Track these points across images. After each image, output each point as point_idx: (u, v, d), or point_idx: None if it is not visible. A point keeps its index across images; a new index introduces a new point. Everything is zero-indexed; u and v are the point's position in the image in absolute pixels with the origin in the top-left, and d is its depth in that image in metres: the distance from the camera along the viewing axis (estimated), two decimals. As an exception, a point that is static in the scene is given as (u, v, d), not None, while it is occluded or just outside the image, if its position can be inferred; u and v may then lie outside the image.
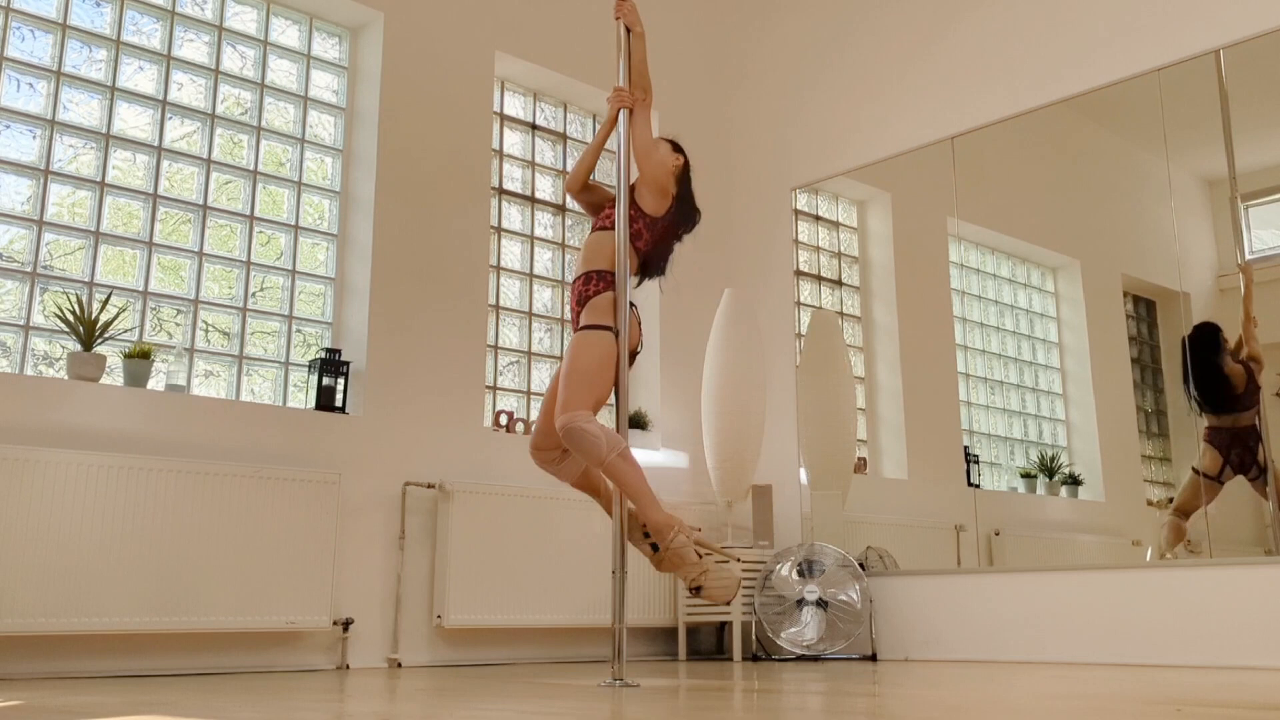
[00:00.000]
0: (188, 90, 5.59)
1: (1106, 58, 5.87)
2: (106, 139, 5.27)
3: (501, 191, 6.63)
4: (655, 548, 3.97)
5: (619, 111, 4.51)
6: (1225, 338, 5.30)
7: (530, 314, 6.64)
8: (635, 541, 4.05)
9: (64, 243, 5.14)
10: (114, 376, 5.01)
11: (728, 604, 3.91)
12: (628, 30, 4.63)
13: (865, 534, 6.42)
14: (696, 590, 3.93)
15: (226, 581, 4.86)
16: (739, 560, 4.00)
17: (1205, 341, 5.36)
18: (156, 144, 5.41)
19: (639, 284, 4.52)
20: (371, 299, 5.74)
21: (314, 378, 5.54)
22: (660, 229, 4.46)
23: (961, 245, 6.40)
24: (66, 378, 4.82)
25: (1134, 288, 5.83)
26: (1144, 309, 5.81)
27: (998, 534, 5.95)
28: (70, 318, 4.86)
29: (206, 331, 5.47)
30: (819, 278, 7.11)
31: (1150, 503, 5.53)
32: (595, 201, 4.63)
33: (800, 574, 6.05)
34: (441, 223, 6.07)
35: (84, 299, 5.04)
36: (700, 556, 3.97)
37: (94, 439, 4.78)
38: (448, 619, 5.50)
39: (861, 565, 6.15)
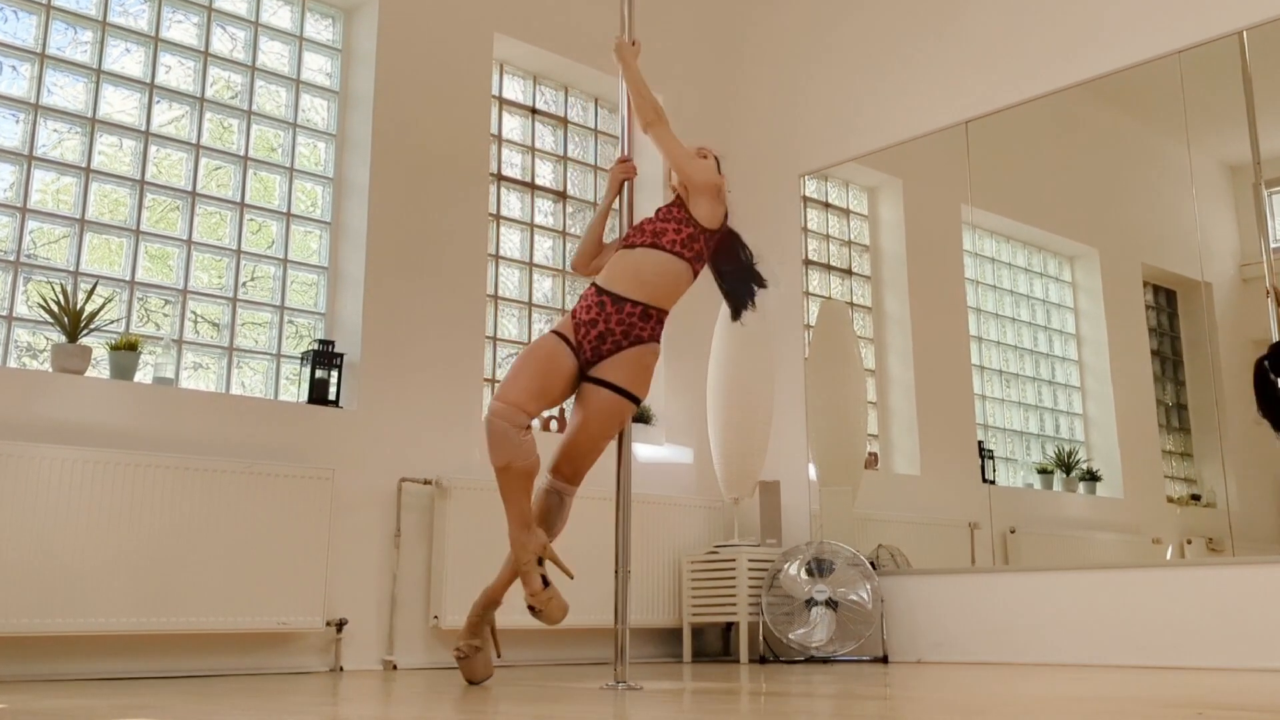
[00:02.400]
0: (176, 73, 5.59)
1: (1126, 39, 5.86)
2: (92, 123, 5.27)
3: (500, 178, 6.63)
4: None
5: (622, 183, 4.47)
6: None
7: (530, 304, 6.64)
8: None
9: (48, 230, 5.15)
10: (100, 369, 5.02)
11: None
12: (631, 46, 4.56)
13: (876, 532, 6.42)
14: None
15: (216, 581, 4.87)
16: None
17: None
18: (144, 129, 5.41)
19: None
20: (366, 289, 5.74)
21: (306, 370, 5.54)
22: (713, 248, 4.40)
23: (976, 233, 6.40)
24: (50, 370, 4.82)
25: (1154, 277, 5.83)
26: (1164, 299, 5.82)
27: (1013, 532, 5.95)
28: (54, 308, 4.87)
29: (195, 323, 5.48)
30: (828, 267, 7.11)
31: (1171, 499, 5.54)
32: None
33: (809, 573, 6.05)
34: (438, 210, 6.07)
35: (69, 289, 5.04)
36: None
37: (79, 433, 4.78)
38: (445, 619, 5.51)
39: (872, 564, 6.16)
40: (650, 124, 4.41)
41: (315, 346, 5.57)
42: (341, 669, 5.25)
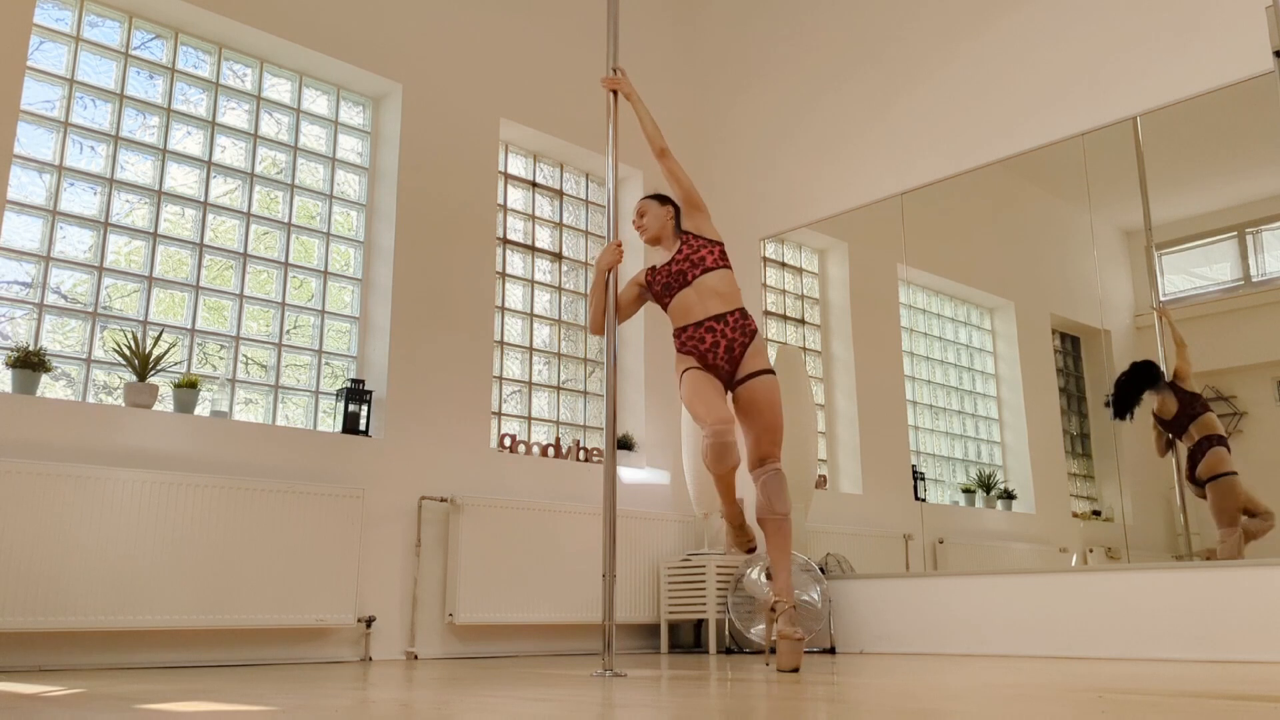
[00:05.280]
0: (230, 152, 5.63)
1: (1037, 123, 5.94)
2: (159, 195, 5.31)
3: (505, 241, 6.66)
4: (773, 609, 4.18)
5: (608, 272, 4.34)
6: (1162, 370, 5.33)
7: (531, 349, 6.67)
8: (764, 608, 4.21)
9: (121, 286, 5.18)
10: (165, 404, 5.04)
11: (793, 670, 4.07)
12: (625, 97, 4.53)
13: (825, 542, 6.44)
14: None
15: (263, 584, 4.88)
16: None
17: (1148, 375, 5.36)
18: (202, 199, 5.45)
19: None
20: (391, 335, 5.77)
21: (341, 405, 5.57)
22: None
23: (909, 288, 6.44)
24: (124, 405, 4.84)
25: (1061, 325, 5.84)
26: (1070, 344, 5.82)
27: (941, 542, 5.96)
28: (127, 352, 4.89)
29: (246, 364, 5.50)
30: (784, 317, 7.15)
31: (1075, 515, 5.55)
32: (639, 301, 4.59)
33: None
34: (453, 268, 6.11)
35: (139, 335, 5.07)
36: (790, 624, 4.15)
37: (148, 459, 4.80)
38: (459, 617, 5.52)
39: (822, 569, 6.17)
40: (666, 153, 4.48)
41: (348, 384, 5.60)
42: (370, 659, 5.25)
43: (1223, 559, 4.91)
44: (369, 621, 5.30)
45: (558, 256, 6.95)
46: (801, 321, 7.09)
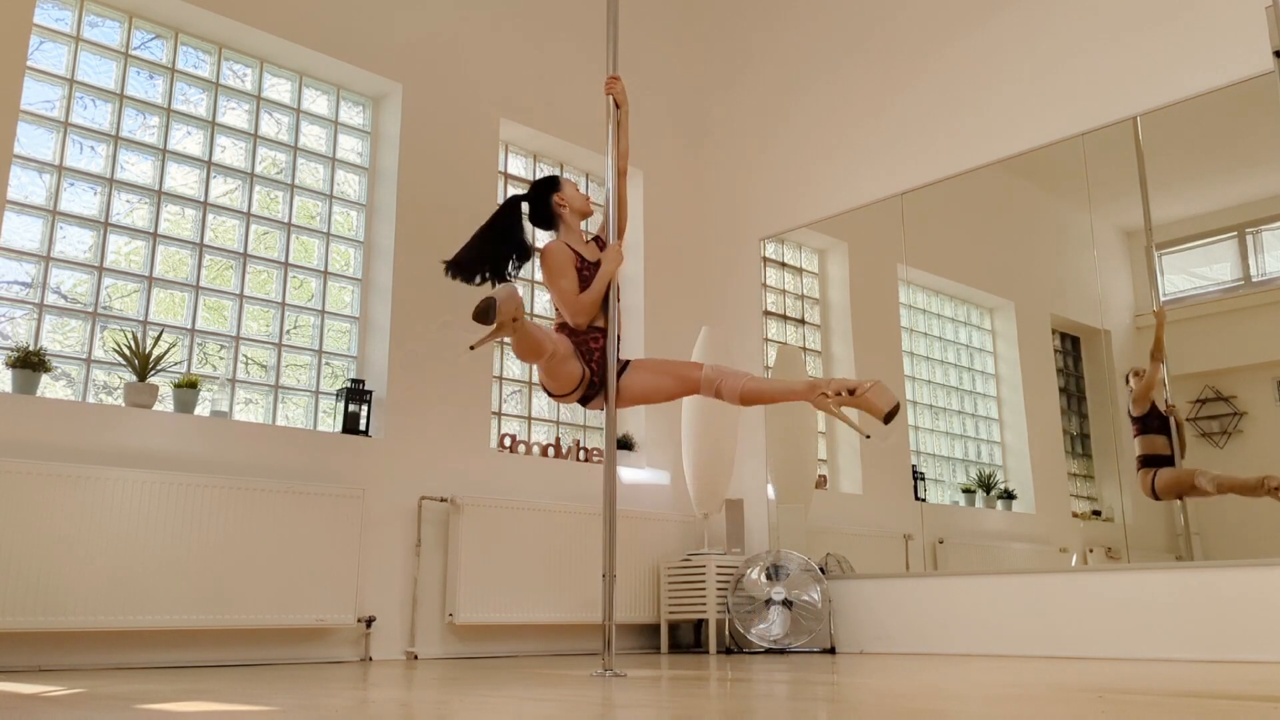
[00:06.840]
0: (230, 152, 5.64)
1: (1037, 123, 5.94)
2: (159, 195, 5.31)
3: (506, 241, 6.66)
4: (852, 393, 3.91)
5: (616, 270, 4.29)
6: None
7: (531, 348, 6.66)
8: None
9: (121, 286, 5.18)
10: (165, 404, 5.04)
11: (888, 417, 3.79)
12: (616, 104, 4.57)
13: (825, 542, 6.44)
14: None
15: (263, 584, 4.88)
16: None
17: None
18: (203, 199, 5.45)
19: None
20: (392, 335, 5.77)
21: (341, 405, 5.57)
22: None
23: (910, 288, 6.45)
24: (124, 405, 4.85)
25: (1061, 326, 5.86)
26: (1070, 344, 5.84)
27: (941, 542, 5.97)
28: (127, 352, 4.90)
29: (246, 364, 5.51)
30: (785, 317, 7.15)
31: (1075, 515, 5.56)
32: None
33: (768, 577, 6.08)
34: (453, 268, 6.11)
35: (139, 335, 5.07)
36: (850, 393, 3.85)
37: (148, 459, 4.81)
38: (459, 617, 5.52)
39: (822, 569, 6.18)
40: (624, 174, 4.44)
41: (348, 384, 5.60)
42: (370, 659, 5.26)
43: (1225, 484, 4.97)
44: (369, 621, 5.30)
45: (558, 256, 6.94)
46: (801, 321, 7.10)
